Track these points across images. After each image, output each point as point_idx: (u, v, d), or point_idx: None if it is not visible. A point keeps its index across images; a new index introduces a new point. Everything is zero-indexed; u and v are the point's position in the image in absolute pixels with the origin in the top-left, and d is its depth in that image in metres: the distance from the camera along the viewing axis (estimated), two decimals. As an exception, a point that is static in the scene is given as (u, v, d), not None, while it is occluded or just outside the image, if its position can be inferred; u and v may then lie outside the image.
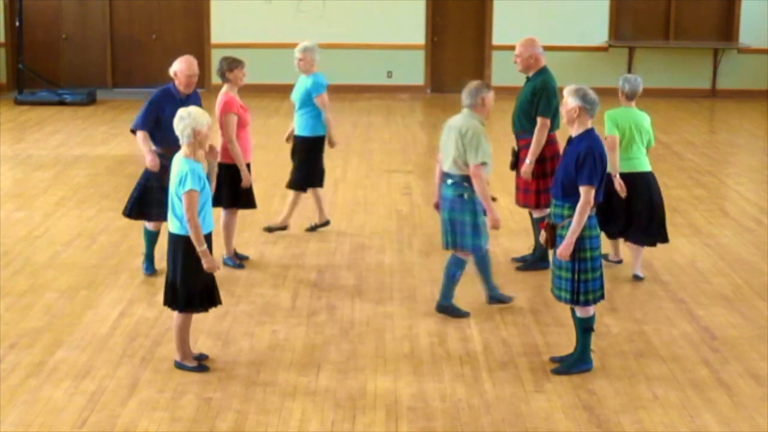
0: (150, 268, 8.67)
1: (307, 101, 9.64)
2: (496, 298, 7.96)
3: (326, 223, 9.99)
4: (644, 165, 8.49)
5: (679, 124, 16.28)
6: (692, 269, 9.04)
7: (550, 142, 8.65)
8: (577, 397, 6.48)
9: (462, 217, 7.53)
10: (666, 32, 19.09)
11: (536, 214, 8.79)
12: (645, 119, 8.55)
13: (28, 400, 6.36)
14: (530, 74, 8.70)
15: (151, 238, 8.65)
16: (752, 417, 6.26)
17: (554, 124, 8.62)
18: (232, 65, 8.76)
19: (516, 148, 8.82)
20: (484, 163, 7.36)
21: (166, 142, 8.13)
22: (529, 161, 8.57)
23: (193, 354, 6.91)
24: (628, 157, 8.42)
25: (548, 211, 8.35)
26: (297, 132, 9.76)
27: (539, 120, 8.54)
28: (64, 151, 13.60)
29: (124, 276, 8.66)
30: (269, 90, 18.22)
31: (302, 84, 9.75)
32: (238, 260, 8.99)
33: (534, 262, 8.90)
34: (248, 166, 8.81)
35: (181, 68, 8.39)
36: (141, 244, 9.52)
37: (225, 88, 8.82)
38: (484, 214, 7.56)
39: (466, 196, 7.49)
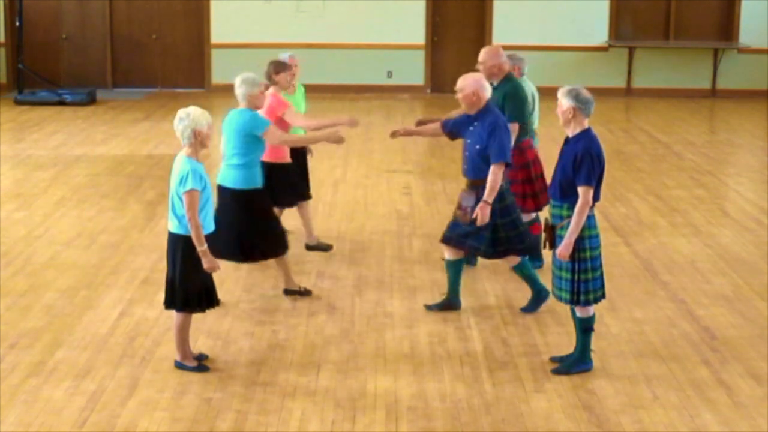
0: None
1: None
2: None
3: None
4: None
5: (679, 124, 16.28)
6: (692, 269, 9.05)
7: (529, 147, 8.60)
8: (577, 397, 6.48)
9: None
10: (666, 32, 19.10)
11: (524, 218, 8.74)
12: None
13: (28, 400, 6.36)
14: (495, 82, 8.37)
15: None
16: (752, 417, 6.26)
17: (526, 130, 8.52)
18: (278, 68, 8.86)
19: None
20: None
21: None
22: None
23: (194, 354, 6.91)
24: None
25: (534, 215, 8.65)
26: None
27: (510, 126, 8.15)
28: (64, 151, 13.61)
29: (124, 276, 8.66)
30: (269, 90, 18.20)
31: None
32: (327, 244, 9.37)
33: None
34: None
35: None
36: (140, 243, 9.55)
37: (272, 89, 8.81)
38: None
39: None
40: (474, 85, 7.58)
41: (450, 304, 7.92)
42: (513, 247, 7.73)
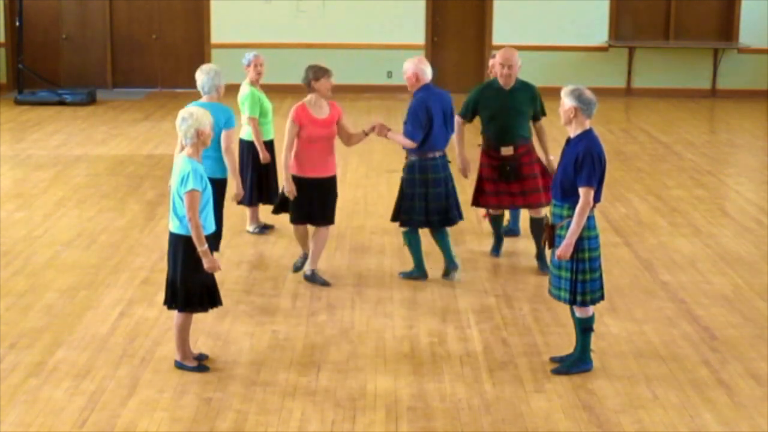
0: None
1: None
2: None
3: None
4: None
5: (679, 124, 16.28)
6: (692, 269, 9.05)
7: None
8: (577, 397, 6.48)
9: None
10: (666, 32, 19.09)
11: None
12: None
13: (28, 400, 6.36)
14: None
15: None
16: (752, 417, 6.26)
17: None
18: (318, 74, 8.17)
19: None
20: None
21: None
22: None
23: (194, 354, 6.91)
24: None
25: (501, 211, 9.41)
26: None
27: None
28: (64, 151, 13.61)
29: (124, 276, 8.66)
30: (269, 90, 18.17)
31: None
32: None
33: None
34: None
35: None
36: (140, 243, 9.55)
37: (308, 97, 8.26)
38: None
39: None
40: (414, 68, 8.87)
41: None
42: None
